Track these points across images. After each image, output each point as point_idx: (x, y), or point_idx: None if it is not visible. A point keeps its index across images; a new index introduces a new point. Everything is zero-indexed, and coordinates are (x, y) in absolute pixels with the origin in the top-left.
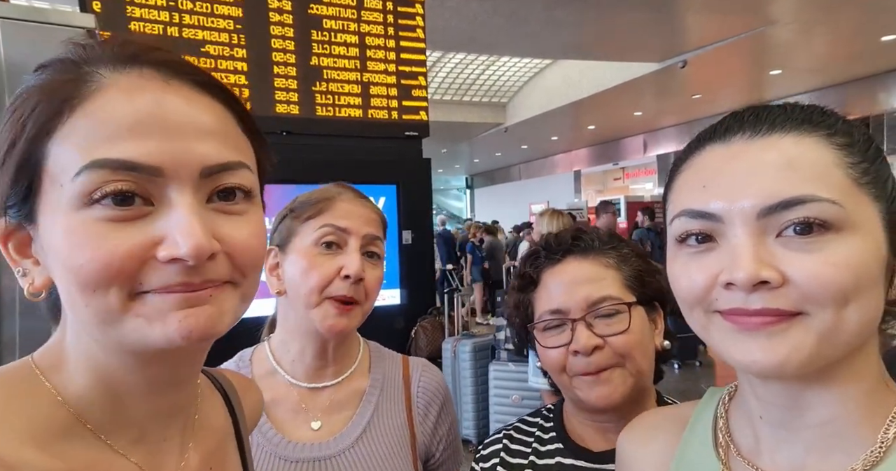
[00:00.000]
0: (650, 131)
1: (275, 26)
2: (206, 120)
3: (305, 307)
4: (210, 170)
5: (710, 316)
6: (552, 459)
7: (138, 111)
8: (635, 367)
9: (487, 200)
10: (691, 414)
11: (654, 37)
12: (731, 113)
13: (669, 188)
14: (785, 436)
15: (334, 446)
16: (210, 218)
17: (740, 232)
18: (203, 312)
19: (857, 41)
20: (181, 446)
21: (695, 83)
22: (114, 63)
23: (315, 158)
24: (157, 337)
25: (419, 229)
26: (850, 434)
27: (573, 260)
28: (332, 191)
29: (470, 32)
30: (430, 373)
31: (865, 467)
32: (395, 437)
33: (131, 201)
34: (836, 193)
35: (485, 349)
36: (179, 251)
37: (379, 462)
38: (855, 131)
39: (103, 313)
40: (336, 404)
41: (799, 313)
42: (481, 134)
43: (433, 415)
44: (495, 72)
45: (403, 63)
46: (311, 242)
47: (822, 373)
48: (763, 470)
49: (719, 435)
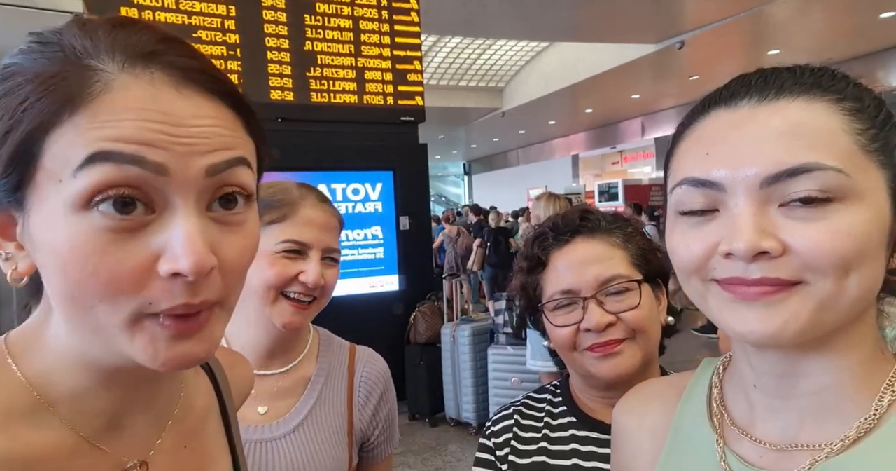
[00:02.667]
0: (648, 114)
1: (267, 11)
2: (214, 129)
3: (261, 302)
4: (216, 168)
5: (707, 284)
6: (566, 431)
7: (146, 118)
8: (646, 341)
9: (485, 186)
10: (686, 385)
11: (651, 18)
12: (739, 76)
13: (672, 154)
14: (779, 405)
15: (276, 429)
16: (210, 230)
17: (742, 201)
18: (192, 347)
19: (854, 19)
20: (156, 428)
21: (692, 64)
22: (123, 60)
23: (311, 145)
24: (144, 360)
25: (417, 215)
26: (844, 402)
27: (581, 240)
28: (294, 194)
29: (465, 15)
30: (373, 364)
31: (859, 433)
32: (333, 424)
33: (132, 207)
34: (842, 160)
35: (483, 333)
36: (180, 266)
37: (317, 446)
38: (865, 96)
39: (101, 324)
40: (282, 390)
41: (798, 283)
42: (478, 119)
43: (372, 403)
44: (492, 56)
45: (398, 47)
46: (272, 250)
47: (819, 341)
48: (757, 439)
49: (714, 405)
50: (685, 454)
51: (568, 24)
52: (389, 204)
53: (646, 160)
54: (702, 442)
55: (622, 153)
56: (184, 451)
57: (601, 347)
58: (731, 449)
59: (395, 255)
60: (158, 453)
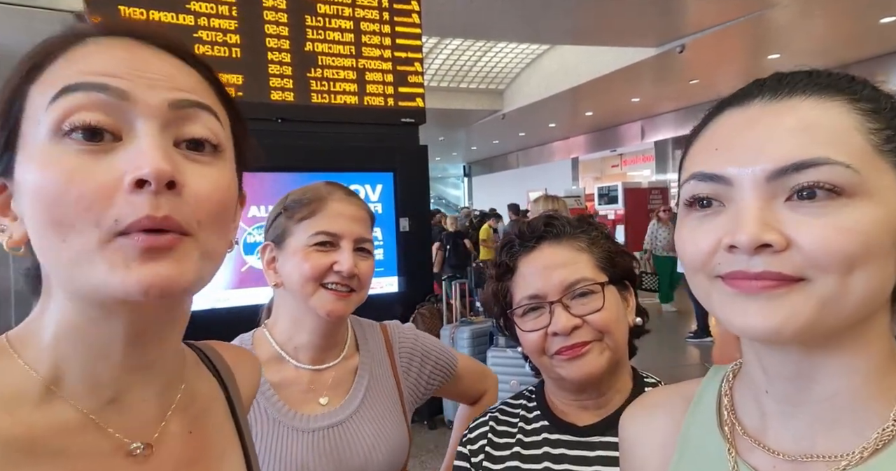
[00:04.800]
0: (648, 117)
1: (268, 11)
2: (181, 77)
3: (303, 297)
4: (180, 103)
5: (712, 281)
6: (538, 436)
7: (114, 56)
8: (613, 341)
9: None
10: (694, 392)
11: (651, 21)
12: (755, 80)
13: (685, 156)
14: (791, 411)
15: (341, 413)
16: (174, 155)
17: (748, 195)
18: (164, 269)
19: (855, 23)
20: (160, 409)
21: (693, 68)
22: (101, 31)
23: (311, 146)
24: (116, 286)
25: (417, 217)
26: (859, 409)
27: (547, 246)
28: (322, 191)
29: (466, 17)
30: (402, 333)
31: (878, 445)
32: (389, 398)
33: (100, 137)
34: (853, 157)
35: (483, 336)
36: (141, 171)
37: (379, 420)
38: (882, 98)
39: (78, 251)
40: (338, 380)
41: (801, 279)
42: (479, 121)
43: (414, 370)
44: (492, 58)
45: (399, 49)
46: (305, 244)
47: (827, 342)
48: (770, 448)
49: (724, 413)
50: (695, 464)
51: (569, 27)
52: (389, 205)
53: (645, 163)
54: (712, 452)
55: (622, 156)
56: (189, 436)
57: (569, 350)
58: (743, 459)
59: (395, 256)
60: (163, 436)
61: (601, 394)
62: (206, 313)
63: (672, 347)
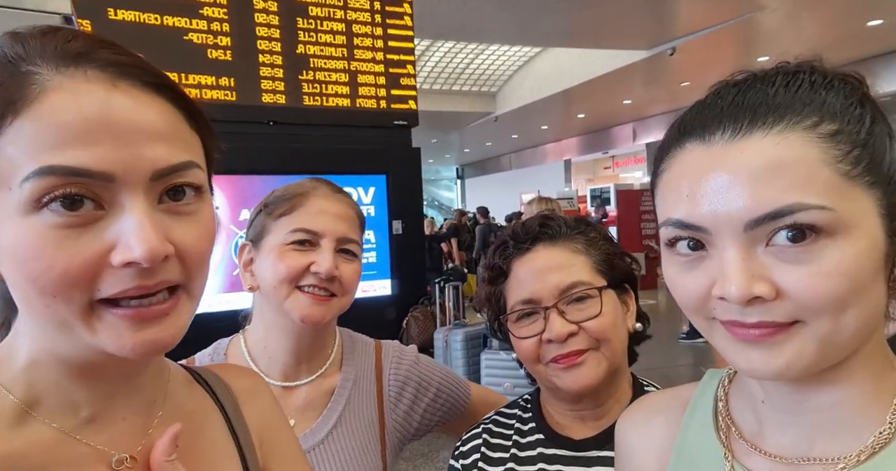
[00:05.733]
0: (639, 120)
1: (259, 13)
2: (155, 122)
3: (277, 301)
4: (161, 173)
5: (710, 323)
6: (533, 450)
7: (86, 117)
8: (610, 349)
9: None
10: (691, 397)
11: (642, 24)
12: (713, 95)
13: (655, 185)
14: (789, 420)
15: (303, 442)
16: (162, 220)
17: (728, 245)
18: (158, 333)
19: (843, 26)
20: (143, 425)
21: (683, 71)
22: (56, 62)
23: (303, 148)
24: (112, 349)
25: (410, 220)
26: (856, 416)
27: (542, 248)
28: (306, 186)
29: (459, 19)
30: (399, 357)
31: (874, 448)
32: (365, 432)
33: (80, 204)
34: (826, 194)
35: (476, 338)
36: (133, 255)
37: (349, 456)
38: (845, 108)
39: (62, 319)
40: (310, 401)
41: (796, 322)
42: (471, 123)
43: (406, 400)
44: (485, 61)
45: (391, 51)
46: (281, 242)
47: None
48: (767, 452)
49: (720, 418)
50: (692, 469)
51: (561, 29)
52: (382, 208)
53: (637, 165)
54: (709, 456)
55: (614, 158)
56: (175, 450)
57: (564, 359)
58: (740, 463)
59: (388, 259)
60: (147, 448)
61: (599, 404)
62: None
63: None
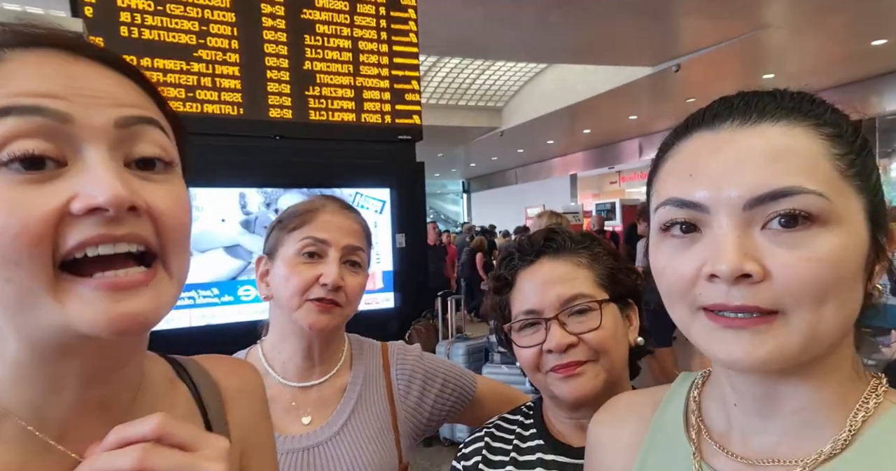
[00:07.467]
0: (645, 135)
1: (267, 31)
2: (117, 88)
3: (289, 310)
4: (127, 121)
5: (693, 313)
6: (533, 455)
7: (44, 74)
8: (609, 362)
9: (484, 205)
10: (662, 398)
11: (647, 41)
12: (721, 98)
13: (654, 174)
14: (759, 425)
15: (321, 434)
16: (128, 177)
17: (725, 223)
18: (139, 305)
19: (847, 45)
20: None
21: (689, 87)
22: (17, 44)
23: (308, 162)
24: (84, 324)
25: (413, 233)
26: (822, 421)
27: (546, 261)
28: (316, 203)
29: (464, 36)
30: (404, 355)
31: (834, 450)
32: (377, 423)
33: (42, 164)
34: (823, 184)
35: (478, 352)
36: (97, 200)
37: (363, 445)
38: (843, 122)
39: (25, 293)
40: (323, 399)
41: (776, 312)
42: (477, 138)
43: (415, 391)
44: (491, 76)
45: (396, 67)
46: (293, 252)
47: (800, 366)
48: (735, 454)
49: (692, 418)
50: (660, 468)
51: (566, 46)
52: (386, 222)
53: (643, 180)
54: (678, 455)
55: (620, 173)
56: None
57: (563, 369)
58: (707, 463)
59: (391, 272)
60: None
61: None
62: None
63: None
